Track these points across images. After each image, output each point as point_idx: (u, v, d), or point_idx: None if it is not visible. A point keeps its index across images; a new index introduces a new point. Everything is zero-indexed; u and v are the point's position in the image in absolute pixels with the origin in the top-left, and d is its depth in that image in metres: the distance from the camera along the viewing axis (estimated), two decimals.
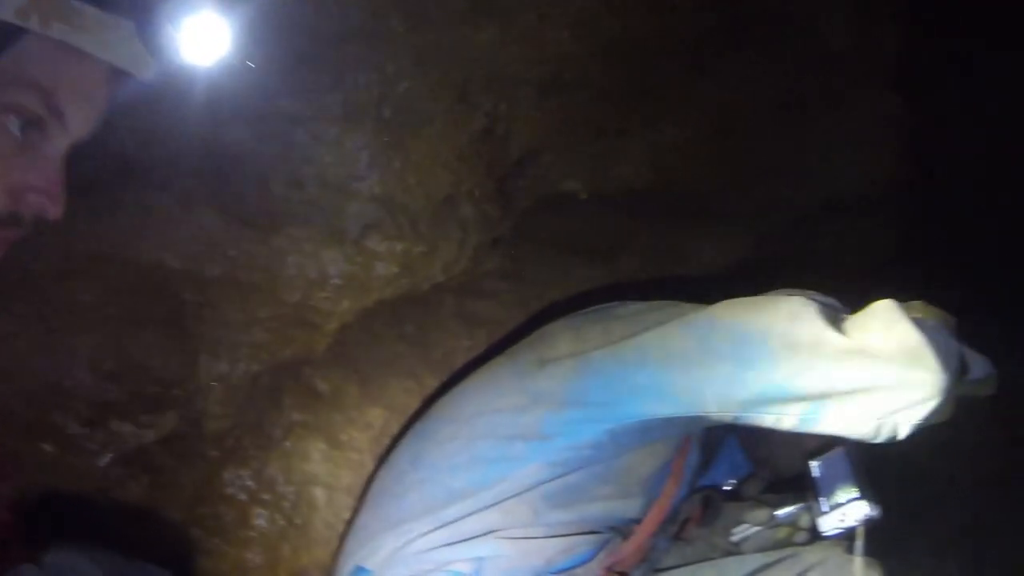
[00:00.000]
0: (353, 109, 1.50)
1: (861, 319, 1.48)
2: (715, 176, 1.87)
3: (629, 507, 1.62)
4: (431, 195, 1.54)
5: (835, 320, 1.47)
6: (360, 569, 1.61)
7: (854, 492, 1.68)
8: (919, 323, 1.44)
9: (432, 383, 1.81)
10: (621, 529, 1.62)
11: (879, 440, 1.46)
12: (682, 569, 1.76)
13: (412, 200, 1.53)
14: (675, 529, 1.73)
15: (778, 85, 1.81)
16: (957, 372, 1.46)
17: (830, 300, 1.76)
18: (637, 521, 1.63)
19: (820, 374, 1.42)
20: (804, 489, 1.75)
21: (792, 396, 1.44)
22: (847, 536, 1.69)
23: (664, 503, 1.64)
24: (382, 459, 1.74)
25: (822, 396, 1.43)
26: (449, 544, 1.55)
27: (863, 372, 1.40)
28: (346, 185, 1.52)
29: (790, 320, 1.46)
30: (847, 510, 1.68)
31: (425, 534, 1.56)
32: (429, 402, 1.74)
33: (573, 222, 1.83)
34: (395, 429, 1.77)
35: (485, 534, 1.55)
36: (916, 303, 1.63)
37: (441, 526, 1.56)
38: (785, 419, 1.47)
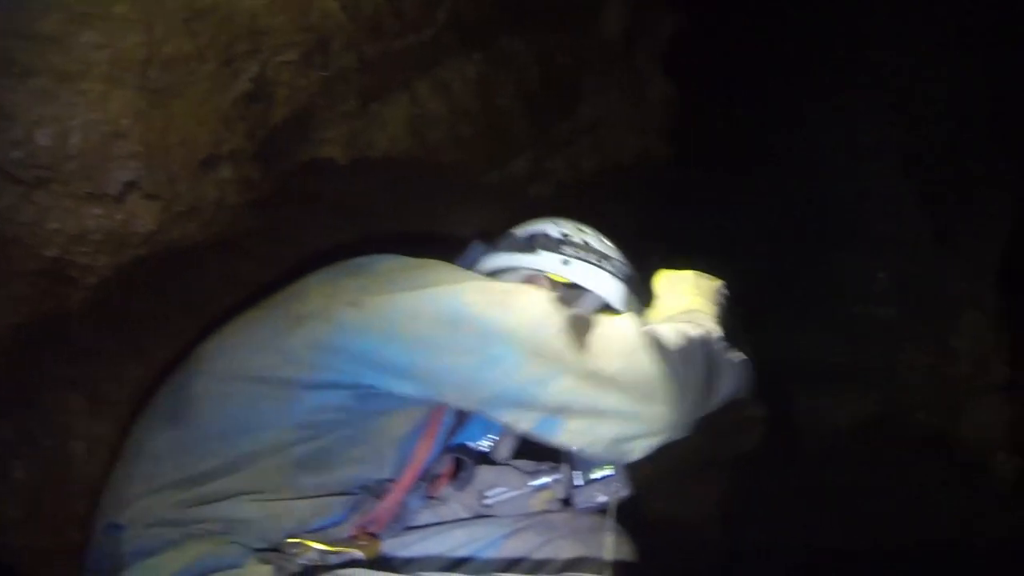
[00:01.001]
0: (119, 67, 1.53)
1: (608, 340, 1.48)
2: (477, 148, 1.92)
3: (382, 468, 1.63)
4: (192, 155, 1.57)
5: (581, 333, 1.48)
6: (114, 525, 1.60)
7: (608, 469, 1.73)
8: (664, 351, 1.46)
9: (190, 337, 1.81)
10: (374, 489, 1.63)
11: (611, 460, 1.51)
12: (433, 527, 1.79)
13: (172, 160, 1.56)
14: (428, 488, 1.76)
15: (551, 65, 1.87)
16: (696, 404, 1.50)
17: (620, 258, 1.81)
18: (391, 480, 1.65)
19: (558, 390, 1.44)
20: (560, 460, 1.80)
21: (528, 404, 1.47)
22: (600, 510, 1.74)
23: (417, 464, 1.65)
24: (139, 414, 1.74)
25: (557, 410, 1.46)
26: (200, 504, 1.54)
27: (598, 397, 1.44)
28: (109, 143, 1.54)
29: (539, 327, 1.47)
30: (600, 485, 1.73)
31: (176, 492, 1.55)
32: (184, 354, 1.73)
33: (333, 186, 1.86)
34: (152, 383, 1.77)
35: (235, 496, 1.54)
36: (689, 273, 1.69)
37: (193, 486, 1.55)
38: (521, 423, 1.51)
